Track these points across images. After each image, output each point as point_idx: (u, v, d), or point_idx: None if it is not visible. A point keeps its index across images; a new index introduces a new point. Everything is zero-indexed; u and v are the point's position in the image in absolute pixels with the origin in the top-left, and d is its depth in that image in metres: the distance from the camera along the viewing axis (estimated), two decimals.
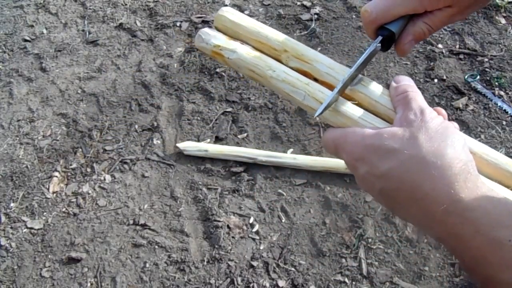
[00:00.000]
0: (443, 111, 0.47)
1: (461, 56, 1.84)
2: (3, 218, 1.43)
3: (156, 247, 1.35)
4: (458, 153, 0.40)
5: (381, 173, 0.41)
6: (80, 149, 1.61)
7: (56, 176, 1.53)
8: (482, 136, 1.57)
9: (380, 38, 0.50)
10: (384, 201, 0.43)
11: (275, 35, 0.55)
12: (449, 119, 1.57)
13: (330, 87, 0.50)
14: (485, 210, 0.37)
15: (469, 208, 0.37)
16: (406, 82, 0.48)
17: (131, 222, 1.41)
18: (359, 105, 0.49)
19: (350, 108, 0.48)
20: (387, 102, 0.48)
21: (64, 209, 1.45)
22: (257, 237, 1.36)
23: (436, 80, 1.75)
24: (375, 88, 0.50)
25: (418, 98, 0.45)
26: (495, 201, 0.38)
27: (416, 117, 0.42)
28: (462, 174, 0.39)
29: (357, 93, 0.50)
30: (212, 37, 0.55)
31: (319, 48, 1.88)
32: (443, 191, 0.38)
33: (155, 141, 1.61)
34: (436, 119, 0.42)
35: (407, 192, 0.40)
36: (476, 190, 0.38)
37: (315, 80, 0.51)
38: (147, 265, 1.31)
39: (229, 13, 0.57)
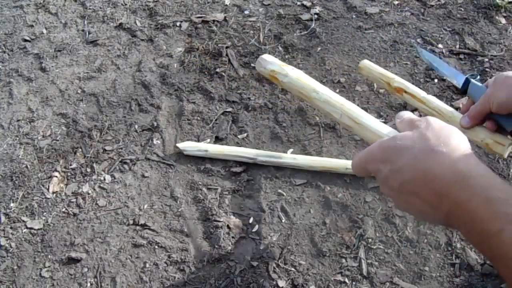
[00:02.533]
0: None
1: (461, 56, 1.84)
2: (3, 218, 1.43)
3: (156, 247, 1.35)
4: (461, 142, 0.48)
5: (399, 167, 0.49)
6: (80, 149, 1.61)
7: (56, 176, 1.53)
8: None
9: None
10: (404, 197, 0.50)
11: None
12: None
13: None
14: (481, 176, 0.45)
15: (468, 175, 0.44)
16: (404, 112, 0.59)
17: (131, 222, 1.41)
18: None
19: (374, 123, 0.60)
20: None
21: (64, 209, 1.45)
22: (257, 237, 1.36)
23: (436, 80, 1.75)
24: None
25: (414, 117, 0.54)
26: (491, 172, 0.45)
27: (421, 122, 0.51)
28: (465, 155, 0.47)
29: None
30: (268, 63, 0.74)
31: (319, 48, 1.88)
32: (449, 168, 0.45)
33: (155, 141, 1.61)
34: (440, 122, 0.51)
35: (420, 178, 0.47)
36: (477, 165, 0.46)
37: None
38: (147, 265, 1.31)
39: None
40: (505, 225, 0.40)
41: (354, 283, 1.26)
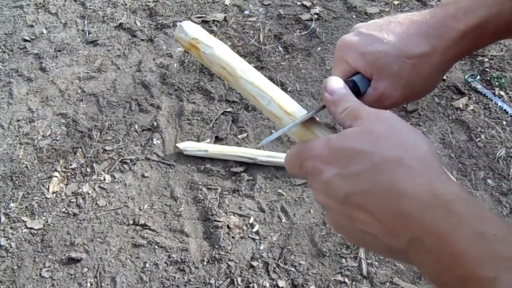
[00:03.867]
0: None
1: None
2: (3, 218, 1.43)
3: (156, 247, 1.35)
4: (433, 154, 0.39)
5: (351, 175, 0.39)
6: (80, 149, 1.61)
7: (56, 176, 1.53)
8: (482, 136, 1.57)
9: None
10: (348, 211, 0.40)
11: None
12: (449, 119, 1.56)
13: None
14: (468, 203, 0.35)
15: (452, 200, 0.35)
16: (341, 92, 0.46)
17: (131, 222, 1.41)
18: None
19: (309, 118, 0.49)
20: None
21: (64, 209, 1.45)
22: (257, 237, 1.36)
23: None
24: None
25: (360, 107, 0.43)
26: (473, 196, 0.37)
27: (376, 121, 0.41)
28: (443, 173, 0.37)
29: None
30: (191, 29, 0.55)
31: (319, 48, 1.88)
32: (424, 188, 0.36)
33: (155, 141, 1.61)
34: (401, 122, 0.41)
35: (380, 193, 0.37)
36: (460, 188, 0.37)
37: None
38: (147, 265, 1.31)
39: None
40: (502, 272, 0.31)
41: (354, 283, 1.26)
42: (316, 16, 2.00)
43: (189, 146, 1.54)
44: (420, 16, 0.48)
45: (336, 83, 0.47)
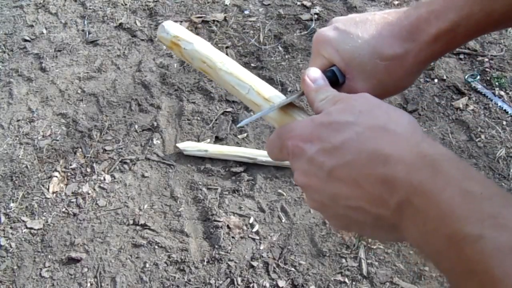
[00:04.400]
0: None
1: (461, 56, 1.84)
2: (3, 218, 1.43)
3: (156, 247, 1.35)
4: (416, 124, 0.39)
5: (334, 147, 0.38)
6: (80, 149, 1.61)
7: (56, 176, 1.53)
8: (482, 136, 1.57)
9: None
10: (333, 186, 0.39)
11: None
12: (449, 119, 1.56)
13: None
14: (455, 162, 0.35)
15: (439, 160, 0.35)
16: (320, 82, 0.47)
17: (131, 222, 1.41)
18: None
19: (291, 108, 0.50)
20: None
21: (64, 209, 1.45)
22: (257, 237, 1.36)
23: (436, 80, 1.75)
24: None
25: (339, 93, 0.44)
26: (460, 157, 0.37)
27: (358, 100, 0.41)
28: (428, 137, 0.38)
29: None
30: (173, 28, 0.57)
31: None
32: (409, 149, 0.36)
33: (155, 141, 1.61)
34: (380, 101, 0.41)
35: (364, 162, 0.37)
36: (445, 149, 0.37)
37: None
38: (147, 265, 1.31)
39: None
40: (488, 230, 0.30)
41: (354, 283, 1.26)
42: (316, 16, 2.00)
43: (189, 146, 1.54)
44: (396, 16, 0.48)
45: (316, 73, 0.48)
